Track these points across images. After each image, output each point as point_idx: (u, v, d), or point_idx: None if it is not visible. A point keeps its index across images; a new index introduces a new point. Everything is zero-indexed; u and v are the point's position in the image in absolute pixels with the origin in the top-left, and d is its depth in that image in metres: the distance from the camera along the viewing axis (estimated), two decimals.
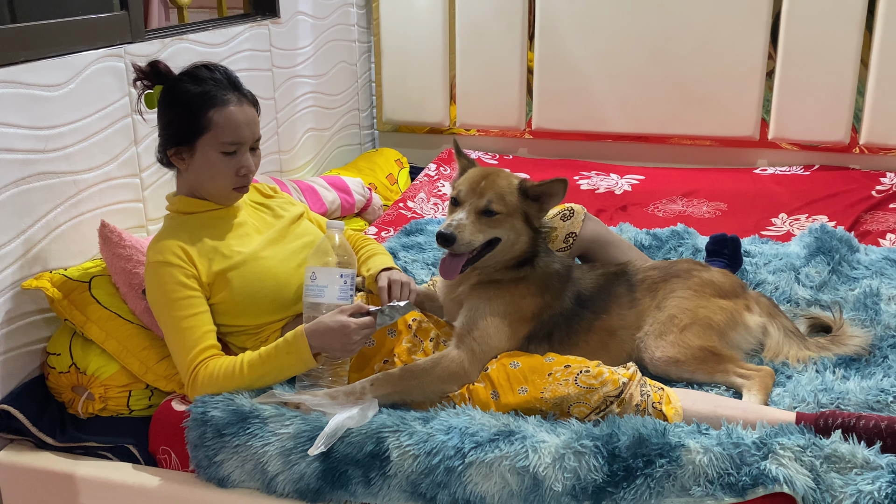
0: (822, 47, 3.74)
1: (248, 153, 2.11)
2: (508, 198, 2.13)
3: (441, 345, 2.19)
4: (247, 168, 2.10)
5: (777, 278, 2.64)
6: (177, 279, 2.03)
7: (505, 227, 2.13)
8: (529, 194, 2.16)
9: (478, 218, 2.11)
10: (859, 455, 1.70)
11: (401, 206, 3.57)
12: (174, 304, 2.02)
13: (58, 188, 2.27)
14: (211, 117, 2.04)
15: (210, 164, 2.07)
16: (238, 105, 2.08)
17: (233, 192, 2.13)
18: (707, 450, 1.71)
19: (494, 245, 2.14)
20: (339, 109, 4.16)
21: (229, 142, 2.06)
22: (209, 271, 2.08)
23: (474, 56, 4.20)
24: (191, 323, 2.02)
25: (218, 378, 1.98)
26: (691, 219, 3.39)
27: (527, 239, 2.16)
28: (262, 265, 2.14)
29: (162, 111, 2.11)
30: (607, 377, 1.92)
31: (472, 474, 1.77)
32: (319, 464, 1.84)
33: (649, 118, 4.07)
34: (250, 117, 2.11)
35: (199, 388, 1.99)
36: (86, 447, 2.12)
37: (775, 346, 2.22)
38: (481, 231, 2.11)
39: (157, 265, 2.04)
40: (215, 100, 2.05)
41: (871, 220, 3.31)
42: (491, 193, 2.12)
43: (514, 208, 2.13)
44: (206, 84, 2.07)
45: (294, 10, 3.61)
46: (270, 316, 2.15)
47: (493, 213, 2.11)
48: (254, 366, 1.99)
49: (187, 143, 2.07)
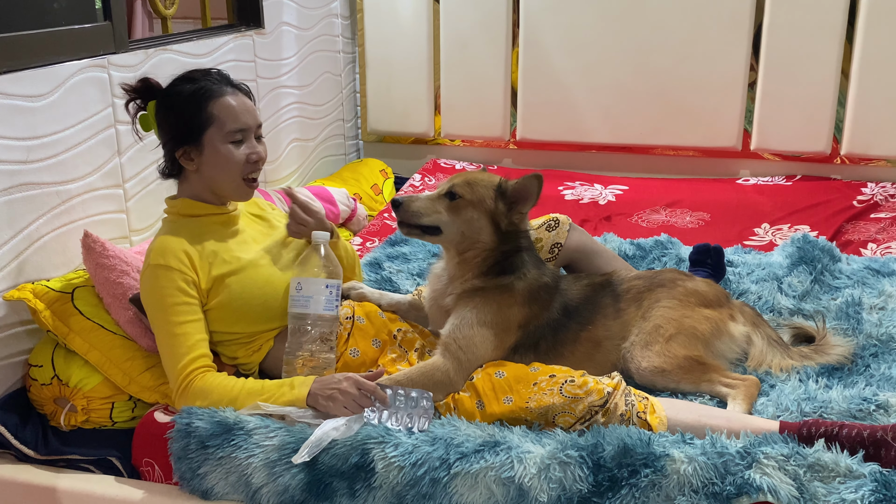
0: (803, 59, 3.78)
1: (255, 140, 2.14)
2: (479, 189, 2.15)
3: (426, 355, 2.19)
4: (257, 154, 2.13)
5: (760, 288, 2.65)
6: (176, 284, 2.03)
7: (462, 215, 2.14)
8: (507, 193, 2.16)
9: (440, 198, 2.15)
10: (842, 464, 1.71)
11: (385, 217, 3.57)
12: (170, 309, 2.02)
13: (41, 199, 2.25)
14: (211, 110, 2.08)
15: (220, 156, 2.09)
16: (234, 95, 2.13)
17: (244, 183, 2.14)
18: (691, 459, 1.72)
19: (447, 231, 2.15)
20: (324, 120, 4.16)
21: (234, 129, 2.09)
22: (209, 275, 2.08)
23: (459, 67, 4.21)
24: (185, 329, 2.02)
25: (211, 394, 1.97)
26: (674, 229, 3.40)
27: (487, 237, 2.16)
28: (261, 273, 2.14)
29: (161, 120, 2.13)
30: (592, 387, 1.92)
31: (458, 485, 1.76)
32: (304, 475, 1.83)
33: (632, 129, 4.09)
34: (248, 105, 2.15)
35: (188, 398, 1.98)
36: (68, 460, 2.10)
37: (759, 355, 2.24)
38: (435, 209, 2.14)
39: (156, 268, 2.04)
40: (212, 92, 2.09)
41: (853, 230, 3.34)
42: (460, 179, 2.16)
43: (481, 200, 2.14)
44: (199, 81, 2.11)
45: (278, 21, 3.61)
46: (265, 324, 2.15)
47: (454, 195, 2.14)
48: (252, 395, 1.97)
49: (194, 142, 2.09)
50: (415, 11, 4.18)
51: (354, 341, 2.16)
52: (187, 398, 1.98)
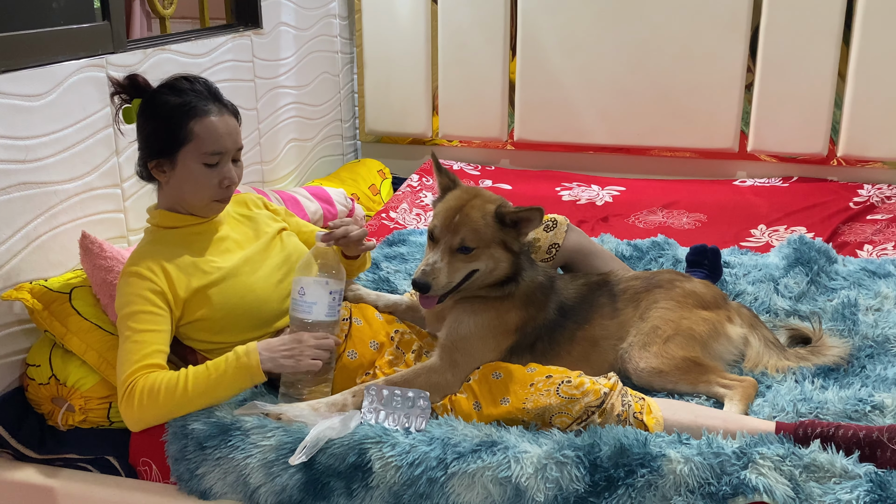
0: (800, 60, 3.79)
1: (231, 164, 2.09)
2: (483, 231, 2.09)
3: (423, 356, 2.20)
4: (230, 179, 2.08)
5: (756, 289, 2.66)
6: (141, 292, 1.99)
7: (482, 259, 2.09)
8: (507, 221, 2.11)
9: (453, 256, 2.07)
10: (838, 464, 1.72)
11: (383, 217, 3.57)
12: (132, 316, 1.97)
13: (38, 198, 2.25)
14: (192, 128, 2.02)
15: (192, 175, 2.05)
16: (219, 115, 2.06)
17: (214, 203, 2.11)
18: (688, 459, 1.72)
19: (473, 275, 2.11)
20: (322, 120, 4.16)
21: (211, 152, 2.04)
22: (188, 287, 2.05)
23: (456, 67, 4.22)
24: (143, 338, 1.95)
25: (159, 391, 1.89)
26: (671, 230, 3.41)
27: (507, 264, 2.13)
28: (242, 281, 2.12)
29: (141, 124, 2.09)
30: (589, 387, 1.93)
31: (455, 485, 1.77)
32: (302, 475, 1.84)
33: (630, 130, 4.10)
34: (231, 127, 2.08)
35: (135, 403, 1.89)
36: (66, 459, 2.10)
37: (755, 356, 2.24)
38: (458, 269, 2.07)
39: (128, 274, 2.02)
40: (196, 110, 2.03)
41: (849, 232, 3.35)
42: (465, 230, 2.07)
43: (491, 239, 2.10)
44: (185, 95, 2.05)
45: (277, 21, 3.61)
46: (251, 333, 2.11)
47: (468, 249, 2.08)
48: (198, 378, 1.92)
49: (168, 156, 2.04)
50: (413, 12, 4.18)
51: (352, 343, 2.16)
52: (133, 403, 1.89)
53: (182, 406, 1.92)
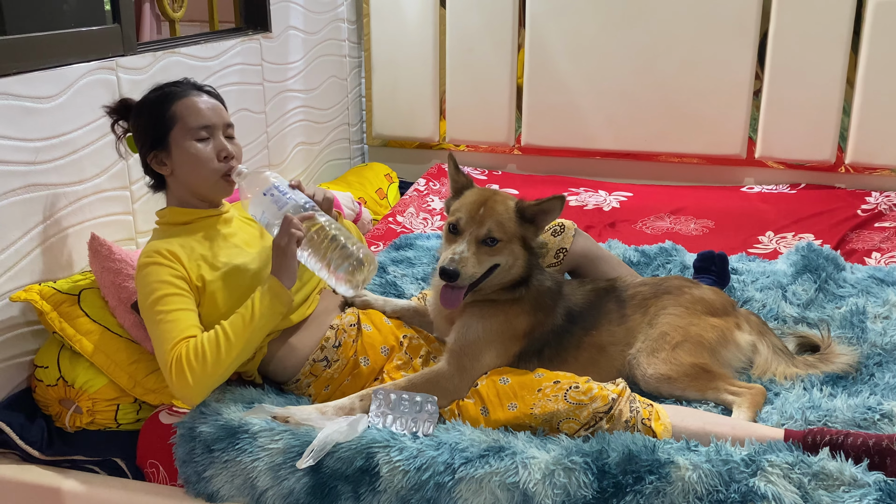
0: (808, 67, 3.79)
1: (224, 139, 2.12)
2: (508, 224, 2.11)
3: (431, 361, 2.20)
4: (226, 150, 2.10)
5: (764, 296, 2.66)
6: (164, 278, 2.00)
7: (504, 254, 2.10)
8: (527, 215, 2.13)
9: (479, 248, 2.08)
10: (847, 472, 1.71)
11: (390, 221, 3.57)
12: (160, 301, 1.97)
13: (48, 200, 2.26)
14: (174, 111, 2.08)
15: (188, 155, 2.08)
16: (198, 96, 2.12)
17: (220, 181, 2.12)
18: (696, 466, 1.72)
19: (493, 270, 2.12)
20: (330, 124, 4.16)
21: (198, 126, 2.08)
22: (199, 276, 2.07)
23: (464, 72, 4.22)
24: (176, 317, 1.96)
25: (203, 352, 1.90)
26: (679, 236, 3.41)
27: (523, 262, 2.14)
28: (247, 277, 2.12)
29: (134, 131, 2.15)
30: (596, 393, 1.92)
31: (462, 490, 1.77)
32: (309, 479, 1.84)
33: (637, 136, 4.10)
34: (213, 104, 2.13)
35: (186, 372, 1.89)
36: (73, 461, 2.11)
37: (764, 363, 2.24)
38: (482, 262, 2.08)
39: (145, 265, 2.03)
40: (173, 94, 2.10)
41: (857, 239, 3.34)
42: (491, 221, 2.09)
43: (514, 233, 2.11)
44: (163, 87, 2.13)
45: (285, 25, 3.62)
46: None
47: (494, 241, 2.09)
48: (234, 323, 1.94)
49: (161, 144, 2.09)
50: (421, 16, 4.19)
51: (363, 350, 2.16)
52: (184, 372, 1.89)
53: (229, 353, 1.92)
